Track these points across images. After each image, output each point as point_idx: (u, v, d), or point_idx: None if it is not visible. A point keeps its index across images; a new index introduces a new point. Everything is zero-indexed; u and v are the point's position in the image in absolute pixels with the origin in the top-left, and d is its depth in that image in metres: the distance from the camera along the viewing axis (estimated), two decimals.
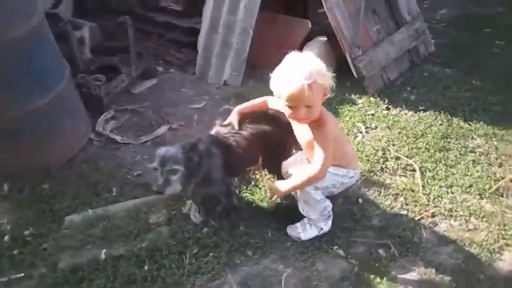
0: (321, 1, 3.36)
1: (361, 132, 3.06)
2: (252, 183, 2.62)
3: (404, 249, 2.21)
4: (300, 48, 3.78)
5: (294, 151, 2.39)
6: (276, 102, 2.16)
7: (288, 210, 2.43)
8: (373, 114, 3.25)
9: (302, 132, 2.11)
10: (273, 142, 2.29)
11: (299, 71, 1.87)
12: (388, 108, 3.35)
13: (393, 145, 2.92)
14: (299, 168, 2.12)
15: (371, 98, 3.44)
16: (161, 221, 2.37)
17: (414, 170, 2.71)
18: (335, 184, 2.15)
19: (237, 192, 2.53)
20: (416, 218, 2.39)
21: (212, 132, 2.31)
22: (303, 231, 2.25)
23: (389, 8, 3.74)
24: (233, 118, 2.30)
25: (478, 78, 3.70)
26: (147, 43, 4.24)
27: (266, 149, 2.31)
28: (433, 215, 2.41)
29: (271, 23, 3.86)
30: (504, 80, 3.68)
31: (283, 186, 2.12)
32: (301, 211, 2.23)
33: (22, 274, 2.13)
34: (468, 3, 5.31)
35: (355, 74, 3.43)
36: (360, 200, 2.47)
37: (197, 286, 2.05)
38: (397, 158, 2.81)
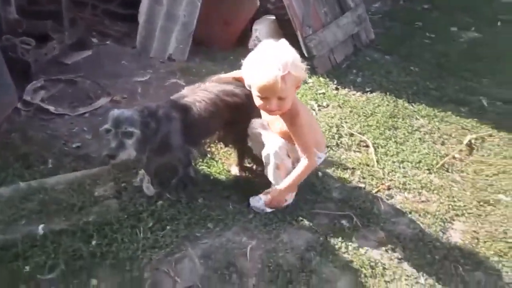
0: None
1: (314, 110, 3.04)
2: (208, 156, 2.46)
3: (365, 220, 2.20)
4: (248, 25, 3.70)
5: None
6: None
7: (247, 183, 2.33)
8: (323, 93, 3.25)
9: (275, 122, 2.05)
10: (239, 106, 2.15)
11: (273, 62, 1.77)
12: (337, 88, 3.37)
13: (346, 122, 2.94)
14: (270, 135, 2.03)
15: (321, 78, 3.44)
16: (109, 194, 2.13)
17: (367, 146, 2.73)
18: None
19: (194, 164, 2.35)
20: (374, 191, 2.40)
21: (174, 96, 2.12)
22: None
23: None
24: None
25: (416, 65, 3.89)
26: (79, 13, 3.86)
27: (231, 113, 2.15)
28: (388, 188, 2.44)
29: None
30: (438, 69, 3.89)
31: (279, 190, 2.07)
32: (270, 179, 2.13)
33: None
34: None
35: (305, 53, 3.40)
36: (319, 173, 2.43)
37: (155, 260, 1.85)
38: (351, 134, 2.82)
